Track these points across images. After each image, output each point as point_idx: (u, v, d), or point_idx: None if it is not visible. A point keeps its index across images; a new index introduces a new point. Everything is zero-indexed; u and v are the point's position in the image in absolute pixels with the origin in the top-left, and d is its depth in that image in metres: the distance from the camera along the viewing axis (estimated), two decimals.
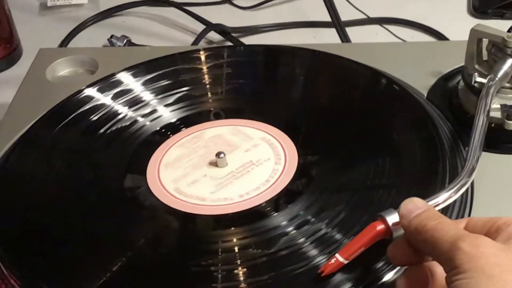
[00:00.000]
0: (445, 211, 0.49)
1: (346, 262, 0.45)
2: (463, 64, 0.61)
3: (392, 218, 0.44)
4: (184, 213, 0.53)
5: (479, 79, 0.58)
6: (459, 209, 0.51)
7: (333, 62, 0.67)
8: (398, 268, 0.46)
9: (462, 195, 0.49)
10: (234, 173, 0.56)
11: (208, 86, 0.66)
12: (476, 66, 0.60)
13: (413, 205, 0.43)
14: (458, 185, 0.48)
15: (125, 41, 0.87)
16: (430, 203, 0.46)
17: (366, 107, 0.62)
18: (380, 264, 0.46)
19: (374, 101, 0.62)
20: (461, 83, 0.62)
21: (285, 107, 0.63)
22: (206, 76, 0.67)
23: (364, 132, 0.59)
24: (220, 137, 0.60)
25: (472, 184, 0.52)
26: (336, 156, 0.57)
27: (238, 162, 0.57)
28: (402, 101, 0.61)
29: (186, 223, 0.53)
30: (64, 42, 0.91)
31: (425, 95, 0.64)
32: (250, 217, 0.52)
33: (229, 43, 0.89)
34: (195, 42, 0.89)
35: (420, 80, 0.65)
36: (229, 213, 0.52)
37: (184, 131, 0.61)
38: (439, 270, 0.42)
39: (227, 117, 0.62)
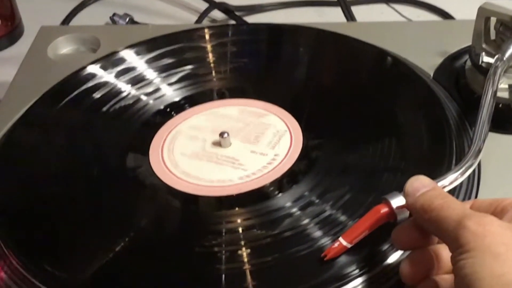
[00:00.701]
0: (451, 193, 0.48)
1: (349, 246, 0.44)
2: (470, 43, 0.60)
3: (397, 201, 0.44)
4: (187, 194, 0.52)
5: (486, 59, 0.57)
6: (465, 191, 0.51)
7: (338, 41, 0.66)
8: (402, 251, 0.45)
9: (468, 176, 0.48)
10: (238, 153, 0.55)
11: (212, 64, 0.65)
12: (484, 46, 0.59)
13: (419, 183, 0.43)
14: (464, 167, 0.47)
15: (127, 19, 0.86)
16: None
17: (371, 87, 0.61)
18: (384, 247, 0.45)
19: (380, 81, 0.62)
20: (468, 63, 0.61)
21: (290, 87, 0.63)
22: (210, 55, 0.66)
23: (369, 112, 0.58)
24: (224, 116, 0.59)
25: (479, 165, 0.52)
26: (341, 137, 0.56)
27: (242, 142, 0.56)
28: (408, 81, 0.61)
29: (189, 204, 0.52)
30: (66, 20, 0.90)
31: (432, 75, 0.63)
32: (254, 198, 0.51)
33: (233, 22, 0.88)
34: (198, 21, 0.88)
35: (426, 60, 0.64)
36: (233, 194, 0.52)
37: (188, 111, 0.60)
38: (444, 253, 0.42)
39: (231, 96, 0.62)
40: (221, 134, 0.56)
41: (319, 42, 0.67)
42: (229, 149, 0.56)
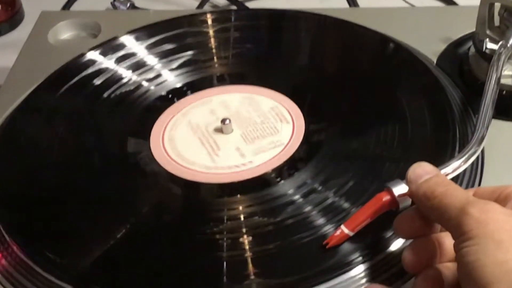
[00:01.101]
0: (454, 180, 0.47)
1: (351, 234, 0.44)
2: (473, 30, 0.60)
3: (399, 189, 0.44)
4: (189, 181, 0.52)
5: (490, 45, 0.57)
6: (468, 178, 0.50)
7: (341, 27, 0.65)
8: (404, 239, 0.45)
9: (472, 164, 0.48)
10: (239, 140, 0.55)
11: (214, 50, 0.65)
12: (488, 32, 0.58)
13: (422, 169, 0.43)
14: (467, 154, 0.47)
15: (128, 4, 0.86)
16: None
17: (374, 74, 0.61)
18: (386, 235, 0.45)
19: (382, 67, 0.61)
20: (472, 49, 0.60)
21: (292, 73, 0.62)
22: (212, 40, 0.65)
23: (372, 99, 0.58)
24: (226, 103, 0.59)
25: (482, 152, 0.51)
26: (343, 124, 0.56)
27: (243, 129, 0.56)
28: (411, 68, 0.60)
29: (190, 191, 0.52)
30: (67, 5, 0.89)
31: (435, 62, 0.62)
32: (256, 185, 0.51)
33: (234, 8, 0.88)
34: (200, 6, 0.87)
35: (429, 46, 0.64)
36: (235, 181, 0.52)
37: (189, 97, 0.60)
38: (447, 241, 0.42)
39: (233, 82, 0.61)
40: (223, 121, 0.55)
41: (322, 28, 0.66)
42: (230, 136, 0.55)
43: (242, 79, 0.61)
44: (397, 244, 0.45)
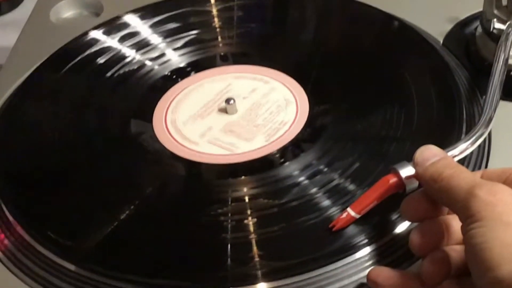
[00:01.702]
0: (460, 163, 0.47)
1: (357, 216, 0.44)
2: (480, 9, 0.59)
3: (405, 171, 0.43)
4: (193, 162, 0.52)
5: (498, 25, 0.56)
6: (475, 161, 0.50)
7: (346, 6, 0.64)
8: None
9: (478, 146, 0.47)
10: (244, 120, 0.55)
11: (218, 29, 0.64)
12: (495, 12, 0.57)
13: (429, 152, 0.42)
14: (475, 136, 0.47)
15: None
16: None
17: (379, 54, 0.60)
18: (392, 217, 0.45)
19: (388, 47, 0.61)
20: (479, 29, 0.60)
21: (297, 53, 0.61)
22: (216, 19, 0.65)
23: (377, 80, 0.57)
24: (230, 83, 0.58)
25: (489, 134, 0.51)
26: (348, 105, 0.55)
27: (248, 109, 0.55)
28: (418, 48, 0.60)
29: (194, 172, 0.52)
30: None
31: (441, 42, 0.62)
32: (261, 166, 0.51)
33: None
34: None
35: (436, 26, 0.63)
36: (239, 161, 0.51)
37: (193, 77, 0.59)
38: (454, 224, 0.41)
39: (237, 62, 0.61)
40: (227, 101, 0.55)
41: (327, 7, 0.66)
42: (235, 116, 0.55)
43: (246, 59, 0.61)
44: (403, 226, 0.45)
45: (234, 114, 0.55)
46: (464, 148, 0.46)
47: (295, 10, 0.67)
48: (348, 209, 0.44)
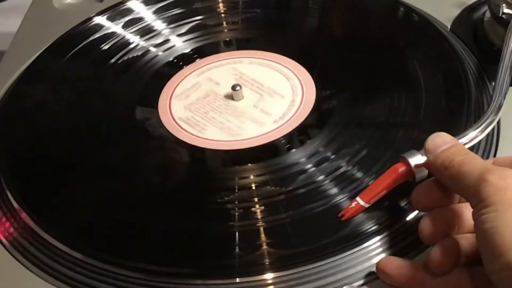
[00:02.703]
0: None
1: (367, 205, 0.43)
2: None
3: (415, 159, 0.43)
4: (199, 148, 0.51)
5: (507, 10, 0.55)
6: (484, 149, 0.49)
7: None
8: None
9: (487, 134, 0.47)
10: (250, 106, 0.54)
11: (223, 15, 0.63)
12: None
13: (440, 139, 0.42)
14: (484, 124, 0.46)
15: None
16: None
17: (386, 40, 0.59)
18: (401, 204, 0.44)
19: (395, 33, 0.60)
20: (487, 14, 0.59)
21: (302, 39, 0.61)
22: (221, 5, 0.64)
23: (384, 66, 0.56)
24: (236, 69, 0.58)
25: (498, 122, 0.50)
26: (355, 91, 0.54)
27: (254, 96, 0.55)
28: (425, 33, 0.59)
29: (201, 159, 0.51)
30: None
31: (449, 27, 0.61)
32: (268, 153, 0.50)
33: None
34: None
35: (443, 11, 0.62)
36: (246, 147, 0.51)
37: (198, 63, 0.59)
38: (466, 212, 0.41)
39: (242, 48, 0.60)
40: (234, 87, 0.54)
41: None
42: (241, 102, 0.54)
43: (251, 44, 0.60)
44: (411, 214, 0.44)
45: (241, 100, 0.55)
46: (473, 136, 0.45)
47: None
48: (357, 198, 0.44)
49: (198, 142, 0.52)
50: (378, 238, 0.43)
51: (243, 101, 0.55)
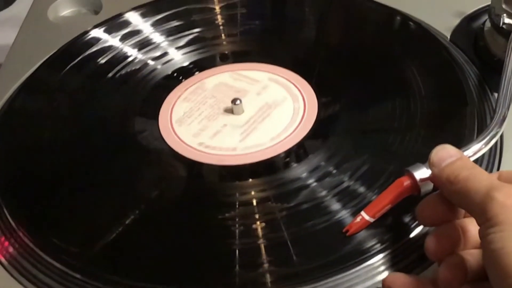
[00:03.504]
0: None
1: (372, 220, 0.43)
2: (487, 3, 0.58)
3: (420, 173, 0.42)
4: (199, 163, 0.50)
5: (508, 20, 0.55)
6: (487, 161, 0.49)
7: (352, 2, 0.63)
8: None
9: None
10: (251, 120, 0.53)
11: (221, 27, 0.63)
12: (504, 6, 0.56)
13: (445, 152, 0.41)
14: (488, 136, 0.45)
15: None
16: None
17: (386, 51, 0.59)
18: (407, 219, 0.44)
19: (394, 44, 0.59)
20: (487, 24, 0.58)
21: (303, 51, 0.60)
22: (219, 17, 0.63)
23: (385, 78, 0.56)
24: (235, 82, 0.57)
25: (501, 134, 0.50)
26: (357, 104, 0.54)
27: (254, 109, 0.54)
28: (424, 44, 0.58)
29: (200, 174, 0.51)
30: None
31: (448, 37, 0.60)
32: (269, 168, 0.50)
33: None
34: None
35: (442, 21, 0.62)
36: (247, 163, 0.50)
37: (197, 76, 0.58)
38: (471, 227, 0.40)
39: (241, 60, 0.59)
40: (234, 101, 0.54)
41: (333, 3, 0.64)
42: (241, 116, 0.54)
43: (251, 57, 0.60)
44: (417, 230, 0.43)
45: (241, 115, 0.54)
46: (477, 148, 0.45)
47: (300, 6, 0.66)
48: (362, 213, 0.43)
49: (198, 156, 0.51)
50: (383, 254, 0.43)
51: (243, 115, 0.54)
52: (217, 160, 0.51)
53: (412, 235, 0.43)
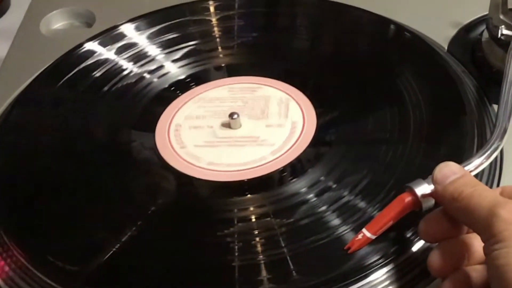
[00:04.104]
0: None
1: (373, 237, 0.42)
2: (485, 12, 0.58)
3: (421, 189, 0.42)
4: (197, 179, 0.50)
5: (506, 32, 0.55)
6: (487, 177, 0.48)
7: (350, 13, 0.63)
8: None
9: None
10: (249, 134, 0.53)
11: (218, 39, 0.62)
12: (501, 17, 0.56)
13: (449, 169, 0.41)
14: (490, 150, 0.45)
15: None
16: None
17: (383, 63, 0.58)
18: (408, 234, 0.43)
19: (393, 56, 0.59)
20: (485, 35, 0.58)
21: (301, 63, 0.59)
22: (215, 29, 0.63)
23: (383, 90, 0.55)
24: (233, 96, 0.57)
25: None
26: (356, 118, 0.53)
27: (252, 124, 0.54)
28: (422, 55, 0.58)
29: (198, 190, 0.50)
30: None
31: (446, 48, 0.60)
32: (266, 183, 0.49)
33: None
34: None
35: (439, 32, 0.61)
36: (245, 178, 0.49)
37: (194, 90, 0.57)
38: (475, 243, 0.40)
39: (239, 73, 0.58)
40: (231, 115, 0.53)
41: (330, 15, 0.64)
42: (239, 131, 0.53)
43: (248, 70, 0.59)
44: (418, 244, 0.43)
45: (238, 129, 0.53)
46: (479, 163, 0.44)
47: (298, 18, 0.65)
48: (364, 230, 0.42)
49: (195, 172, 0.50)
50: (384, 270, 0.42)
51: (241, 129, 0.53)
52: (215, 176, 0.50)
53: (413, 249, 0.43)
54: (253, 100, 0.56)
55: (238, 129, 0.53)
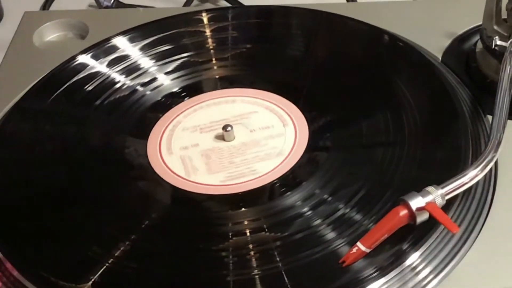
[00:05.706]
0: (468, 189, 0.46)
1: (368, 251, 0.42)
2: (479, 23, 0.58)
3: (415, 202, 0.42)
4: (190, 193, 0.50)
5: (500, 42, 0.55)
6: (482, 188, 0.48)
7: (343, 24, 0.63)
8: (422, 250, 0.43)
9: None
10: (243, 147, 0.53)
11: (212, 51, 0.62)
12: (495, 27, 0.56)
13: None
14: (485, 162, 0.45)
15: (112, 0, 0.82)
16: (456, 183, 0.44)
17: (377, 73, 0.58)
18: (403, 246, 0.43)
19: (388, 66, 0.59)
20: (479, 45, 0.58)
21: (295, 75, 0.59)
22: (209, 41, 0.62)
23: (376, 100, 0.55)
24: (227, 108, 0.56)
25: None
26: (350, 130, 0.53)
27: (245, 136, 0.54)
28: (416, 65, 0.58)
29: (192, 204, 0.50)
30: (47, 3, 0.86)
31: (440, 58, 0.60)
32: (261, 196, 0.49)
33: (226, 4, 0.84)
34: (187, 3, 0.84)
35: (433, 42, 0.61)
36: (239, 192, 0.49)
37: (187, 102, 0.57)
38: None
39: (233, 85, 0.58)
40: (225, 128, 0.53)
41: (324, 25, 0.63)
42: (232, 143, 0.53)
43: (242, 82, 0.59)
44: (413, 257, 0.43)
45: (232, 141, 0.53)
46: (473, 175, 0.44)
47: (292, 29, 0.65)
48: (358, 244, 0.42)
49: (188, 186, 0.50)
50: (380, 283, 0.42)
51: (234, 141, 0.53)
52: (208, 190, 0.50)
53: (408, 262, 0.43)
54: (247, 113, 0.56)
55: (232, 141, 0.53)
